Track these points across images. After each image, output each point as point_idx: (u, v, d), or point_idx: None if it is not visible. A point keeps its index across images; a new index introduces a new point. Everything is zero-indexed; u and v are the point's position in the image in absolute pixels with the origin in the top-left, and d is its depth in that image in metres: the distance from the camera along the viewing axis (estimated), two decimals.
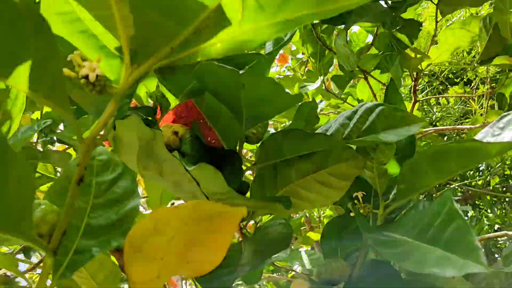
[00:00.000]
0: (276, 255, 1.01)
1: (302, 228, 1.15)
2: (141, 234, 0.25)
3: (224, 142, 0.44)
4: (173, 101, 0.45)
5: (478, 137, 0.34)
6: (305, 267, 1.06)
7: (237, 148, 0.44)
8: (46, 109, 0.81)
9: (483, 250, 0.23)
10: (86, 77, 0.24)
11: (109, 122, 0.27)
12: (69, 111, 0.25)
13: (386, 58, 0.84)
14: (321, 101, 1.85)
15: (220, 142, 0.48)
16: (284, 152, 0.41)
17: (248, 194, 0.46)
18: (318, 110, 1.59)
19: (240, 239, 0.46)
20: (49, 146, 0.90)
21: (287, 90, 0.32)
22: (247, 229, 0.48)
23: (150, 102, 0.47)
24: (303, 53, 2.43)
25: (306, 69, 1.83)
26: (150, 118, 0.44)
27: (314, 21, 0.86)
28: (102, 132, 0.32)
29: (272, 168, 0.45)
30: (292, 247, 1.08)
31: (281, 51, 2.41)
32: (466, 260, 0.23)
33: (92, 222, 0.31)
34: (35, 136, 0.88)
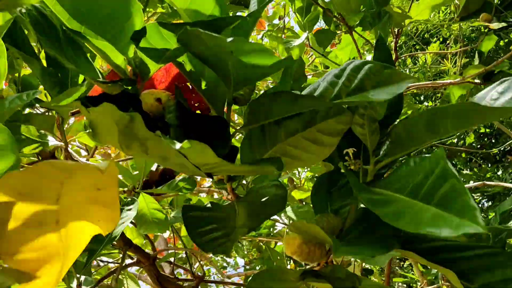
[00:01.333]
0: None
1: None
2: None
3: (211, 105, 0.43)
4: (153, 66, 0.43)
5: (474, 99, 0.33)
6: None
7: (225, 110, 0.43)
8: (25, 71, 0.78)
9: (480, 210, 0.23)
10: None
11: None
12: None
13: (372, 15, 0.82)
14: None
15: (205, 105, 0.47)
16: (273, 114, 0.40)
17: (238, 157, 0.45)
18: None
19: (231, 199, 0.46)
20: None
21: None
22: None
23: (129, 69, 0.45)
24: (279, 19, 2.38)
25: (283, 36, 1.81)
26: (130, 88, 0.42)
27: None
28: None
29: (260, 129, 0.44)
30: None
31: None
32: (462, 220, 0.23)
33: None
34: None
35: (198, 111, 0.48)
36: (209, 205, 0.43)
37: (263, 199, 0.40)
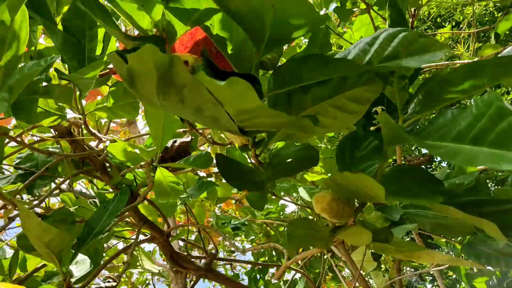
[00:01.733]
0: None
1: None
2: None
3: (237, 69, 0.43)
4: (181, 29, 0.43)
5: (506, 51, 0.33)
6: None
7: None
8: (40, 46, 0.77)
9: None
10: None
11: None
12: None
13: None
14: None
15: (230, 71, 0.47)
16: (302, 78, 0.40)
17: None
18: None
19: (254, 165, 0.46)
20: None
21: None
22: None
23: (155, 32, 0.45)
24: None
25: None
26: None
27: None
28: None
29: (285, 95, 0.44)
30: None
31: None
32: None
33: None
34: None
35: None
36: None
37: (292, 160, 0.40)
